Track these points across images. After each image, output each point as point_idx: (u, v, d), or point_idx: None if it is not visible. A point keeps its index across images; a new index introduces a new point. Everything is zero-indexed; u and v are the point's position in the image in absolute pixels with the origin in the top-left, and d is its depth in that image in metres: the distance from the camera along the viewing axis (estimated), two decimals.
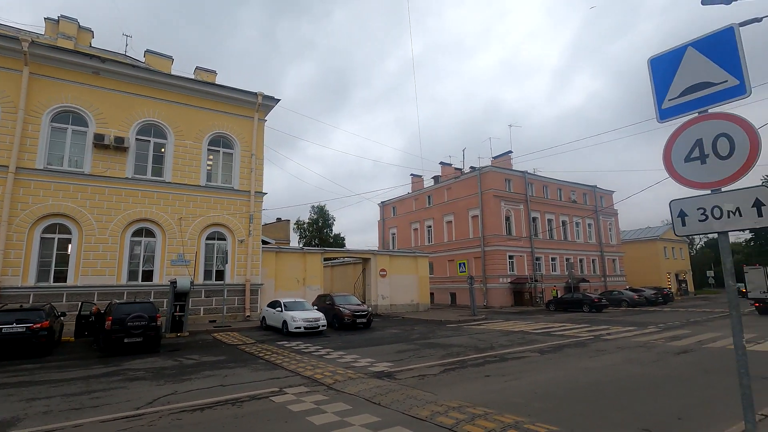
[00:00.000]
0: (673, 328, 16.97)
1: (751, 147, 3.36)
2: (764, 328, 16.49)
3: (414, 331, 17.63)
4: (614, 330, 16.62)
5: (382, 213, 49.67)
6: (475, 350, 11.91)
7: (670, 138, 3.88)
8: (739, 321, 3.44)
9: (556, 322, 20.80)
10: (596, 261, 42.65)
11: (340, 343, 14.24)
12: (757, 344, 12.17)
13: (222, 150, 22.79)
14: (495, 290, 33.91)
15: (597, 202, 44.09)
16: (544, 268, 37.36)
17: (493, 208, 34.98)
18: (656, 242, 50.85)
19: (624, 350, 11.45)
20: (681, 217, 3.81)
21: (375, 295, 27.51)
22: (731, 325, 3.50)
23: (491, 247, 34.50)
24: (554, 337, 14.57)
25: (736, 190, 3.48)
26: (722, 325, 18.22)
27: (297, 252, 25.54)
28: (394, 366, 9.72)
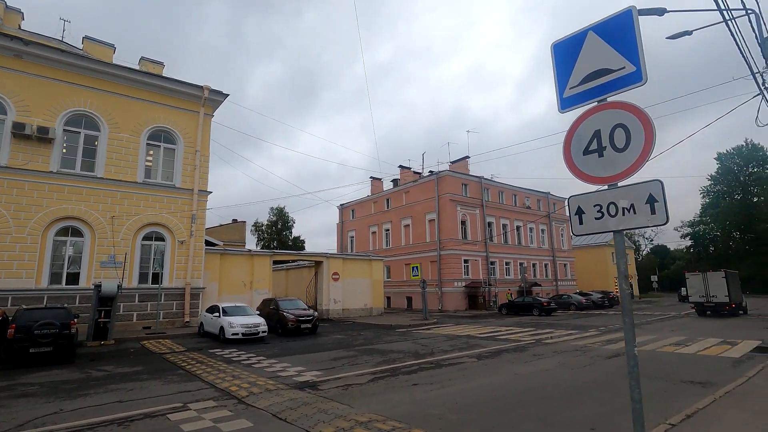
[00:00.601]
0: (611, 331, 17.36)
1: (646, 138, 3.10)
2: (697, 330, 17.18)
3: (360, 336, 17.11)
4: (557, 333, 16.79)
5: (341, 216, 48.97)
6: (414, 356, 11.54)
7: (570, 129, 3.60)
8: (632, 329, 3.16)
9: (504, 325, 20.90)
10: (548, 265, 43.83)
11: (277, 350, 13.50)
12: (685, 347, 12.52)
13: (163, 145, 21.44)
14: (450, 294, 34.00)
15: (550, 208, 45.40)
16: (498, 272, 37.92)
17: (449, 212, 35.14)
18: (605, 248, 53.00)
19: (560, 354, 11.43)
20: (578, 215, 3.52)
21: (327, 300, 26.79)
22: (624, 332, 3.21)
23: (447, 251, 34.60)
24: (497, 342, 14.48)
25: (631, 186, 3.22)
26: (658, 327, 18.89)
27: (244, 254, 24.43)
28: (322, 375, 9.15)
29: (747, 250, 60.88)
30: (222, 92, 22.90)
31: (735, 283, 26.05)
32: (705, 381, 7.74)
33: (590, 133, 3.44)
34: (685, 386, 7.45)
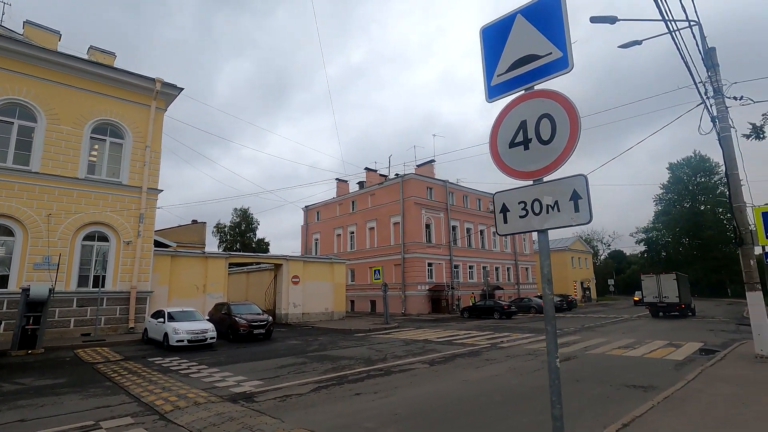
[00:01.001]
0: (567, 334, 17.60)
1: (571, 129, 2.85)
2: (646, 332, 17.66)
3: (315, 342, 16.54)
4: (513, 337, 16.84)
5: (306, 218, 48.07)
6: (365, 363, 11.13)
7: (496, 120, 3.32)
8: (554, 338, 2.89)
9: (464, 329, 20.85)
10: (511, 269, 44.60)
11: (224, 357, 12.77)
12: (633, 349, 12.73)
13: (109, 139, 20.14)
14: (413, 297, 33.87)
15: None
16: (461, 276, 38.17)
17: (414, 215, 35.07)
18: (565, 252, 54.62)
19: (512, 359, 11.33)
20: (503, 213, 3.24)
21: (286, 304, 25.98)
22: (546, 342, 2.94)
23: (411, 255, 34.48)
24: (453, 346, 14.30)
25: (555, 181, 2.96)
26: (610, 330, 19.34)
27: (197, 256, 23.29)
28: (263, 385, 8.59)
29: (695, 255, 64.36)
30: (176, 86, 21.79)
31: (685, 286, 27.55)
32: (647, 385, 7.74)
33: (516, 124, 3.17)
34: (628, 391, 7.42)
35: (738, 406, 5.89)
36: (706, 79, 10.60)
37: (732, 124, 10.44)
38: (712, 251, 61.01)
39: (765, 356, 9.39)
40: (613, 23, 11.96)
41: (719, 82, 10.42)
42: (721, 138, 10.37)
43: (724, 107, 10.39)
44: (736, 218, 9.95)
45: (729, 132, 10.33)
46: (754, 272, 9.70)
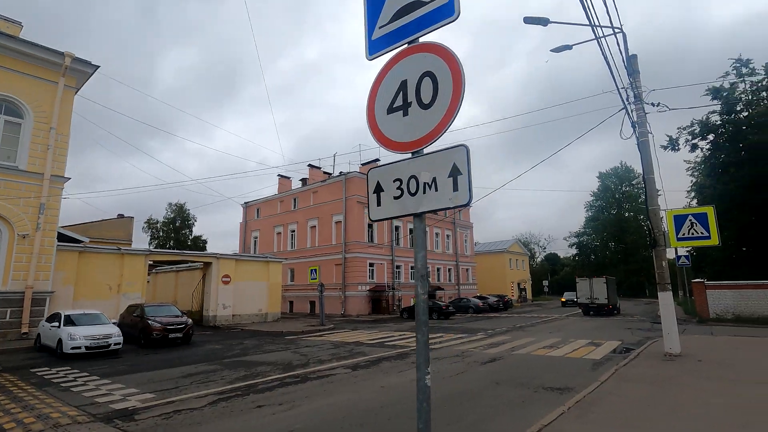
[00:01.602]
0: (498, 334, 17.76)
1: (454, 89, 2.33)
2: (572, 331, 18.25)
3: (239, 346, 15.36)
4: (446, 338, 16.68)
5: (245, 215, 45.86)
6: (283, 369, 10.28)
7: (375, 81, 2.75)
8: (425, 349, 2.33)
9: (399, 330, 20.51)
10: (452, 270, 45.29)
11: (125, 366, 11.34)
12: (557, 349, 12.90)
13: (5, 118, 17.61)
14: (353, 298, 33.20)
15: (456, 215, 47.05)
16: (403, 276, 38.08)
17: (356, 214, 34.44)
18: (504, 254, 56.54)
19: (439, 361, 11.00)
20: (377, 194, 2.66)
21: (215, 305, 24.28)
22: (417, 354, 2.38)
23: (352, 254, 33.81)
24: (384, 349, 13.80)
25: (434, 154, 2.42)
26: (540, 329, 19.83)
27: (111, 253, 21.05)
28: (154, 399, 7.51)
29: (619, 258, 69.29)
30: (90, 62, 19.52)
31: (612, 287, 29.83)
32: (564, 387, 7.62)
33: (396, 85, 2.60)
34: (544, 394, 7.23)
35: (643, 408, 5.80)
36: (628, 85, 10.89)
37: (650, 130, 10.81)
38: (634, 255, 66.01)
39: (673, 354, 9.72)
40: (546, 25, 12.03)
41: (639, 88, 10.74)
42: (640, 143, 10.69)
43: (643, 113, 10.73)
44: (650, 220, 10.27)
45: (647, 137, 10.67)
46: (665, 273, 10.06)
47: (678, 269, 36.19)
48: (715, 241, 9.66)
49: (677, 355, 9.69)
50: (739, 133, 22.40)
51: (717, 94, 23.05)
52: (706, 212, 9.79)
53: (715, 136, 23.82)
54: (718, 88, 22.76)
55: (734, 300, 21.61)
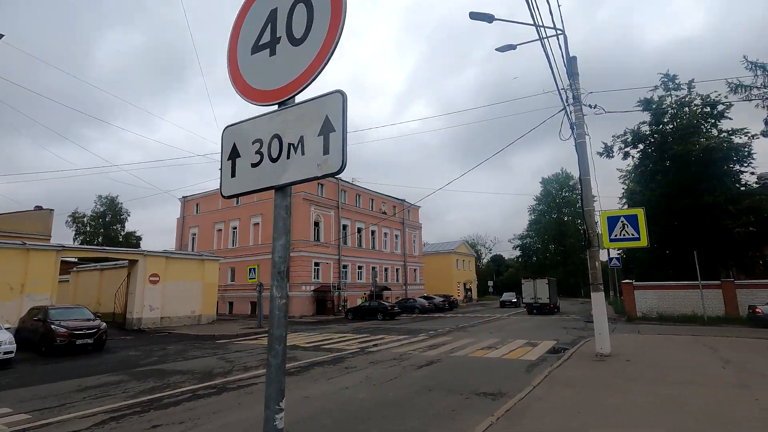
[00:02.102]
0: (440, 335, 17.56)
1: (333, 18, 1.72)
2: (512, 331, 18.44)
3: (159, 352, 13.96)
4: (387, 339, 16.21)
5: (183, 210, 43.05)
6: (200, 379, 9.25)
7: (239, 13, 2.05)
8: (279, 375, 1.67)
9: (341, 332, 19.81)
10: (400, 270, 45.21)
11: (11, 378, 9.77)
12: (495, 350, 12.79)
13: None
14: (297, 299, 32.01)
15: (405, 215, 47.06)
16: (350, 276, 37.37)
17: (302, 211, 33.26)
18: (451, 255, 57.45)
19: (374, 366, 10.44)
20: (233, 161, 1.99)
21: (140, 307, 22.24)
22: (266, 379, 1.71)
23: (297, 253, 32.59)
24: (320, 352, 13.04)
25: (303, 104, 1.78)
26: (481, 329, 19.92)
27: (13, 248, 18.55)
28: (28, 420, 6.31)
29: (558, 260, 72.93)
30: None
31: (554, 288, 31.60)
32: (497, 392, 7.31)
33: (265, 15, 1.94)
34: (477, 400, 6.86)
35: (572, 415, 5.55)
36: (568, 86, 10.94)
37: (587, 132, 10.92)
38: (572, 257, 69.80)
39: (604, 354, 9.82)
40: (491, 22, 11.84)
41: (578, 90, 10.82)
42: (577, 144, 10.76)
43: (582, 114, 10.81)
44: (585, 221, 10.35)
45: (584, 139, 10.76)
46: (598, 274, 10.16)
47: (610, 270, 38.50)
48: (644, 243, 9.90)
49: (607, 355, 9.79)
50: (665, 144, 23.94)
51: (647, 105, 24.51)
52: (637, 214, 10.01)
53: (645, 145, 25.35)
54: (648, 100, 24.20)
55: (658, 300, 23.01)
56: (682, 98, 24.43)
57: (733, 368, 8.30)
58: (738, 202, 22.10)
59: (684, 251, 21.98)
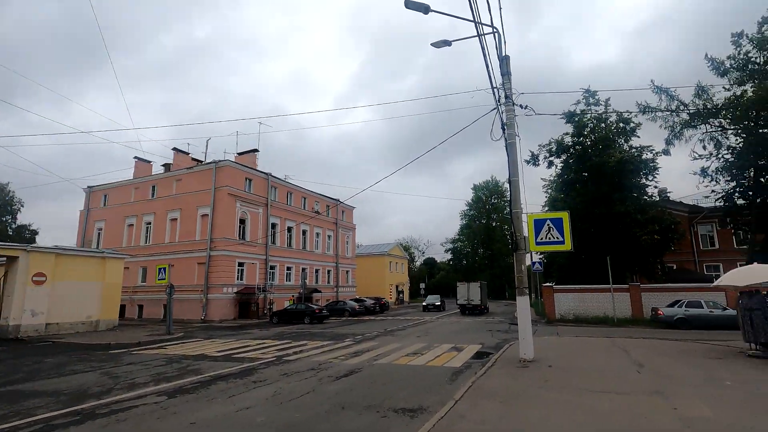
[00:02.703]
0: (367, 339, 16.79)
1: None
2: (439, 335, 18.18)
3: (31, 366, 11.65)
4: (310, 346, 15.11)
5: (88, 201, 38.33)
6: (67, 402, 7.56)
7: None
8: None
9: (261, 338, 18.31)
10: (332, 272, 44.00)
11: None
12: (420, 356, 12.25)
13: None
14: (218, 301, 29.61)
15: (339, 215, 45.97)
16: (278, 278, 35.50)
17: (226, 207, 30.91)
18: (384, 257, 57.32)
19: (286, 378, 9.35)
20: None
21: (18, 311, 18.94)
22: None
23: (219, 252, 30.20)
24: (230, 363, 11.63)
25: None
26: (409, 333, 19.49)
27: None
28: None
29: (486, 263, 76.02)
30: None
31: (485, 291, 34.32)
32: (417, 407, 6.63)
33: None
34: (395, 418, 6.11)
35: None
36: (500, 84, 10.70)
37: (517, 133, 10.75)
38: (498, 261, 73.21)
39: (527, 360, 9.61)
40: (426, 12, 11.33)
41: (510, 89, 10.61)
42: (508, 144, 10.54)
43: (513, 115, 10.63)
44: (513, 223, 10.14)
45: (514, 140, 10.58)
46: (524, 277, 9.97)
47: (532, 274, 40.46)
48: (568, 247, 9.89)
49: (531, 360, 9.60)
50: (585, 155, 25.42)
51: (570, 118, 25.88)
52: (562, 218, 9.99)
53: (567, 155, 26.75)
54: (572, 113, 25.57)
55: (575, 302, 24.25)
56: (600, 114, 26.12)
57: (648, 373, 8.41)
58: (645, 212, 24.02)
59: (599, 257, 23.33)
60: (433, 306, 39.76)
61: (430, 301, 41.02)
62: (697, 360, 9.93)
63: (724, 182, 26.21)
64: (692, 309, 19.25)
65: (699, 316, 18.96)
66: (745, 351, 10.51)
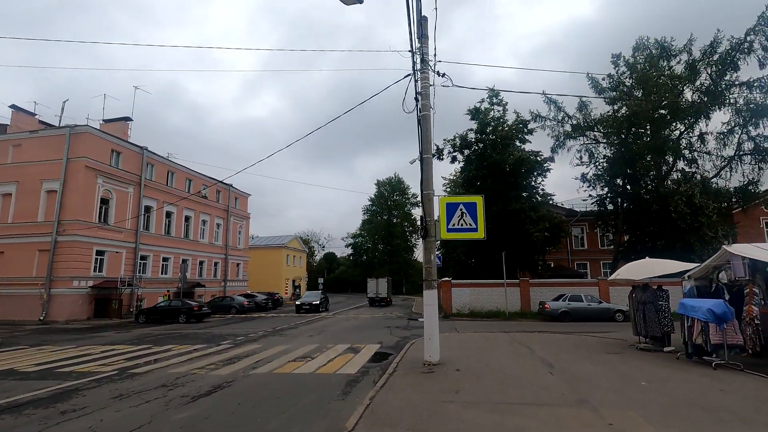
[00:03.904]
0: (249, 341, 14.35)
1: None
2: (334, 333, 16.46)
3: None
4: (174, 352, 12.26)
5: None
6: None
7: None
8: None
9: (112, 343, 14.69)
10: (219, 264, 39.60)
11: None
12: (310, 360, 10.36)
13: None
14: (65, 297, 24.07)
15: (231, 202, 41.61)
16: (151, 270, 30.47)
17: (83, 183, 25.34)
18: (281, 250, 53.91)
19: (118, 402, 6.78)
20: None
21: None
22: None
23: (70, 237, 24.59)
24: (44, 382, 8.46)
25: None
26: (302, 331, 17.43)
27: None
28: None
29: (386, 259, 76.61)
30: None
31: (390, 286, 40.11)
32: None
33: None
34: None
35: None
36: (417, 48, 9.30)
37: (432, 106, 9.47)
38: (397, 257, 74.40)
39: (432, 363, 8.38)
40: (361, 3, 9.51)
41: (426, 54, 9.28)
42: (421, 116, 9.22)
43: (428, 84, 9.33)
44: (423, 206, 8.85)
45: (429, 112, 9.29)
46: (433, 269, 8.73)
47: None
48: (481, 235, 8.92)
49: (436, 363, 8.37)
50: (486, 152, 25.92)
51: (475, 115, 26.18)
52: (476, 202, 8.98)
53: (470, 152, 27.10)
54: (477, 109, 25.89)
55: (471, 297, 24.50)
56: (501, 116, 26.93)
57: (560, 374, 7.68)
58: (537, 210, 25.25)
59: (494, 252, 23.83)
60: (310, 306, 29.47)
61: (306, 300, 30.66)
62: (599, 356, 9.67)
63: (599, 188, 29.01)
64: (574, 303, 20.46)
65: (579, 309, 20.19)
66: (635, 344, 10.69)
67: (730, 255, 9.69)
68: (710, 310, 7.57)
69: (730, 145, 27.72)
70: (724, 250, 9.74)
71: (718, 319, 7.50)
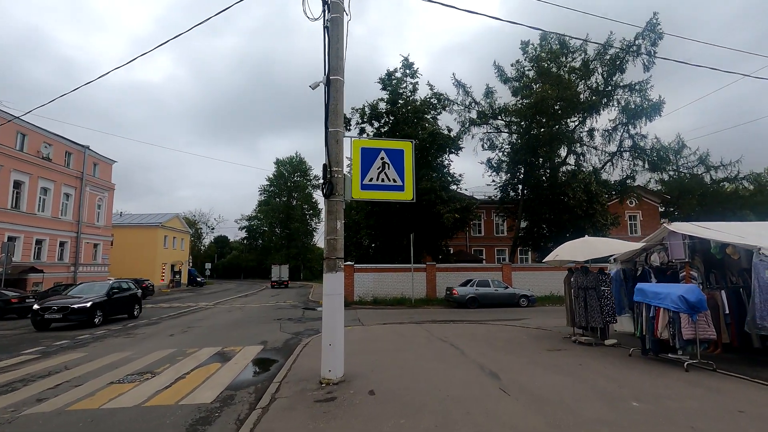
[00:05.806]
0: (73, 347, 10.05)
1: None
2: (204, 330, 12.81)
3: None
4: None
5: None
6: None
7: None
8: None
9: None
10: (68, 244, 31.75)
11: None
12: (147, 379, 6.86)
13: None
14: None
15: (87, 168, 33.64)
16: (21, 254, 22.55)
17: None
18: (158, 230, 46.23)
19: None
20: None
21: None
22: None
23: None
24: None
25: None
26: (163, 329, 13.36)
27: None
28: None
29: (283, 243, 71.69)
30: None
31: (288, 270, 45.91)
32: None
33: None
34: None
35: None
36: None
37: (347, 11, 6.56)
38: (295, 241, 70.01)
39: (333, 381, 5.65)
40: None
41: None
42: (330, 20, 6.29)
43: None
44: (328, 150, 5.98)
45: (341, 14, 6.37)
46: (339, 241, 5.96)
47: None
48: (408, 195, 6.41)
49: (339, 382, 5.66)
50: (397, 125, 23.84)
51: (387, 82, 23.82)
52: (403, 149, 6.41)
53: (380, 124, 24.77)
54: (390, 75, 23.53)
55: (374, 283, 22.35)
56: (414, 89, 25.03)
57: (519, 395, 5.36)
58: (448, 190, 23.93)
59: (402, 234, 21.95)
60: None
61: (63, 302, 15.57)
62: (543, 357, 7.77)
63: (503, 174, 28.98)
64: (482, 288, 19.49)
65: (487, 295, 19.27)
66: (570, 336, 9.26)
67: (670, 234, 8.64)
68: (682, 297, 6.07)
69: (613, 141, 29.87)
70: (665, 228, 8.68)
71: (691, 308, 6.03)
